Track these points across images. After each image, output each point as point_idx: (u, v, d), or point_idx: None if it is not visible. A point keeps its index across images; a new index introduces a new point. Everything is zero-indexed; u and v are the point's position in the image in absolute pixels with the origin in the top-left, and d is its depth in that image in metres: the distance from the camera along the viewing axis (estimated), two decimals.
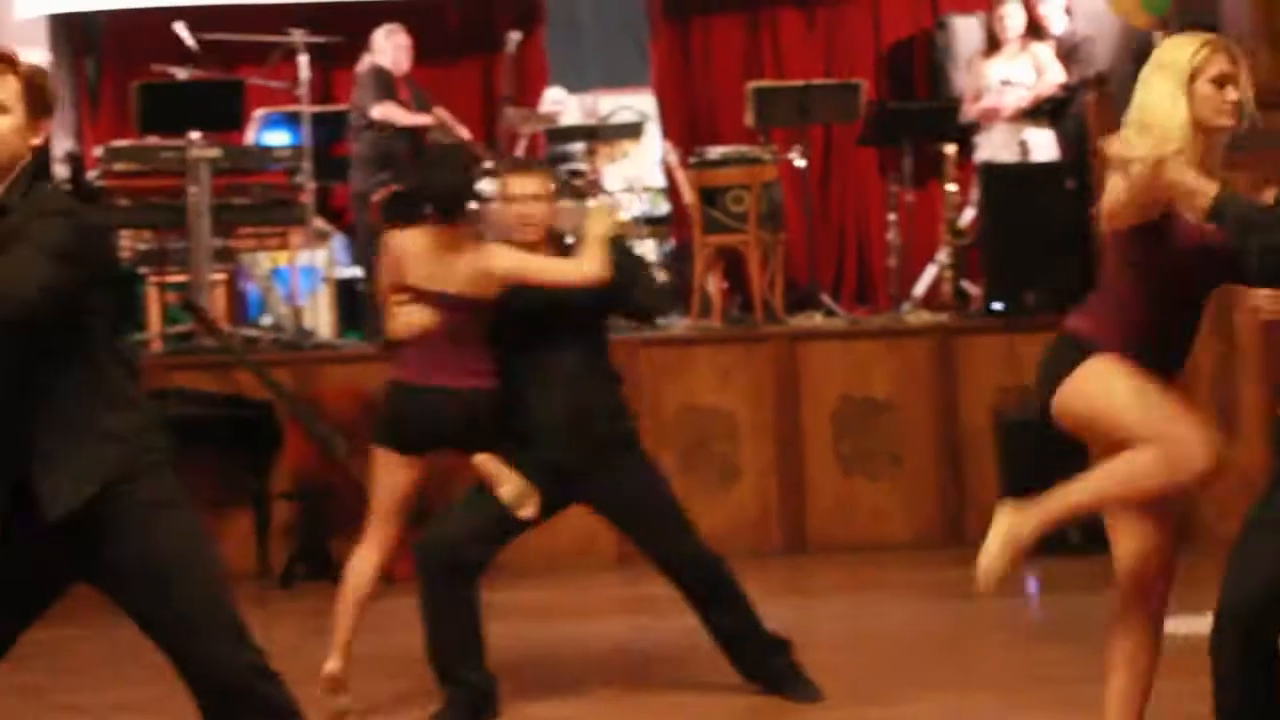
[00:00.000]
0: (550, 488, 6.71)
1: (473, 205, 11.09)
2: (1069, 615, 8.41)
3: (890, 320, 11.02)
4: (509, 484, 6.64)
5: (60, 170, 12.03)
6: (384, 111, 11.44)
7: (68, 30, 12.94)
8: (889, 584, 9.26)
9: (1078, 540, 9.58)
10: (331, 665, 6.71)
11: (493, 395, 6.67)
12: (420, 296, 6.67)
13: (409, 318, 6.67)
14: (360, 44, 12.23)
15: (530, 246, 6.70)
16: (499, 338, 6.72)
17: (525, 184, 6.72)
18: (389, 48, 11.71)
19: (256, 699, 4.61)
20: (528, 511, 6.66)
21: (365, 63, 11.76)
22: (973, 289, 11.35)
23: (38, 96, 4.56)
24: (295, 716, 4.68)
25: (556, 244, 6.90)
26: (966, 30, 12.47)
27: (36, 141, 4.52)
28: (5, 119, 4.48)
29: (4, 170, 4.48)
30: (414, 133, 11.57)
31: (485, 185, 11.06)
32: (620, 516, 7.01)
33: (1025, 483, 9.63)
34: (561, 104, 13.43)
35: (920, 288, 11.59)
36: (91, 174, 11.53)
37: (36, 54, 12.29)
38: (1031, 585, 9.33)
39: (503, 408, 6.68)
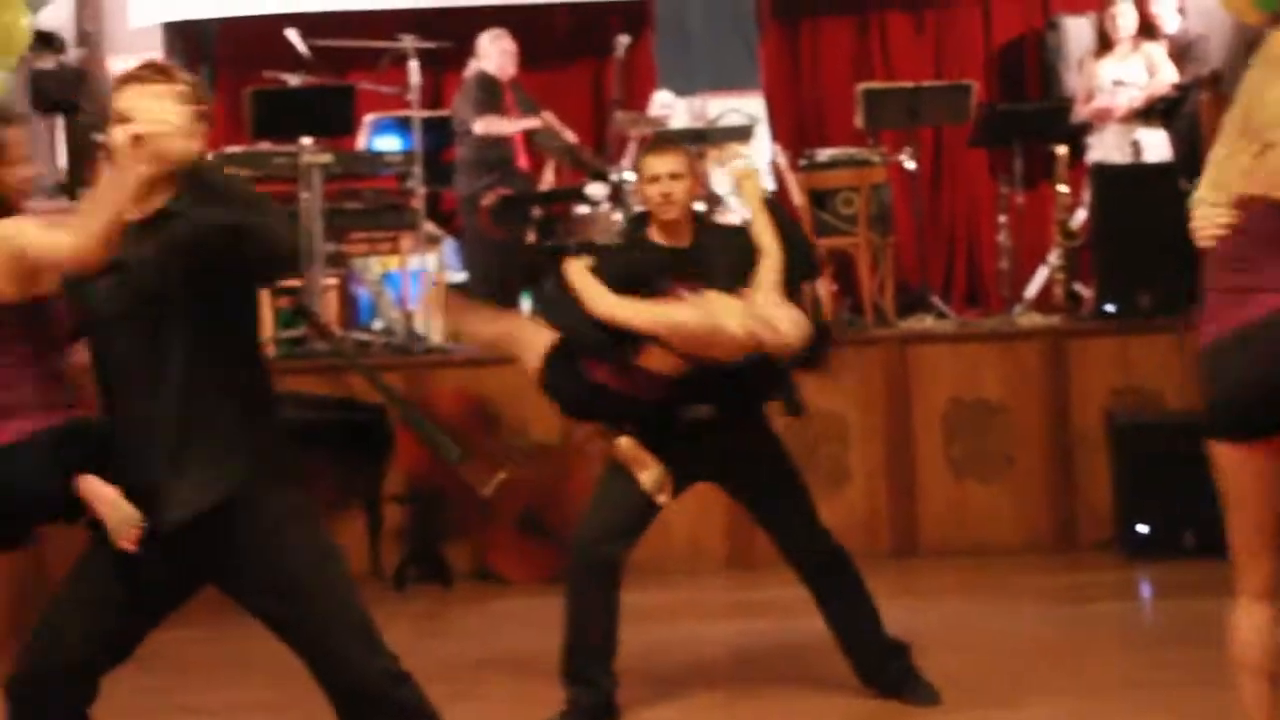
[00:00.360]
0: (681, 469, 6.73)
1: (583, 210, 11.19)
2: (1183, 620, 8.34)
3: (1001, 323, 10.96)
4: (648, 470, 6.64)
5: None
6: (485, 125, 11.53)
7: (182, 38, 13.07)
8: (1000, 588, 9.21)
9: (1191, 545, 9.53)
10: None
11: None
12: None
13: None
14: (469, 49, 12.30)
15: (672, 225, 6.69)
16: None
17: (664, 162, 6.67)
18: (494, 53, 11.77)
19: (391, 702, 4.66)
20: (663, 498, 6.67)
21: (471, 68, 11.82)
22: (1085, 291, 11.28)
23: (196, 105, 4.63)
24: (431, 718, 4.72)
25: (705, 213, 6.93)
26: (1078, 30, 12.40)
27: (196, 147, 4.59)
28: (168, 127, 4.55)
29: (169, 177, 4.56)
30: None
31: (595, 189, 11.12)
32: (751, 498, 6.98)
33: (1138, 486, 9.70)
34: (670, 107, 13.44)
35: (1031, 290, 11.53)
36: None
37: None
38: (1145, 590, 9.26)
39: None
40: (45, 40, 10.48)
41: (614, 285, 6.47)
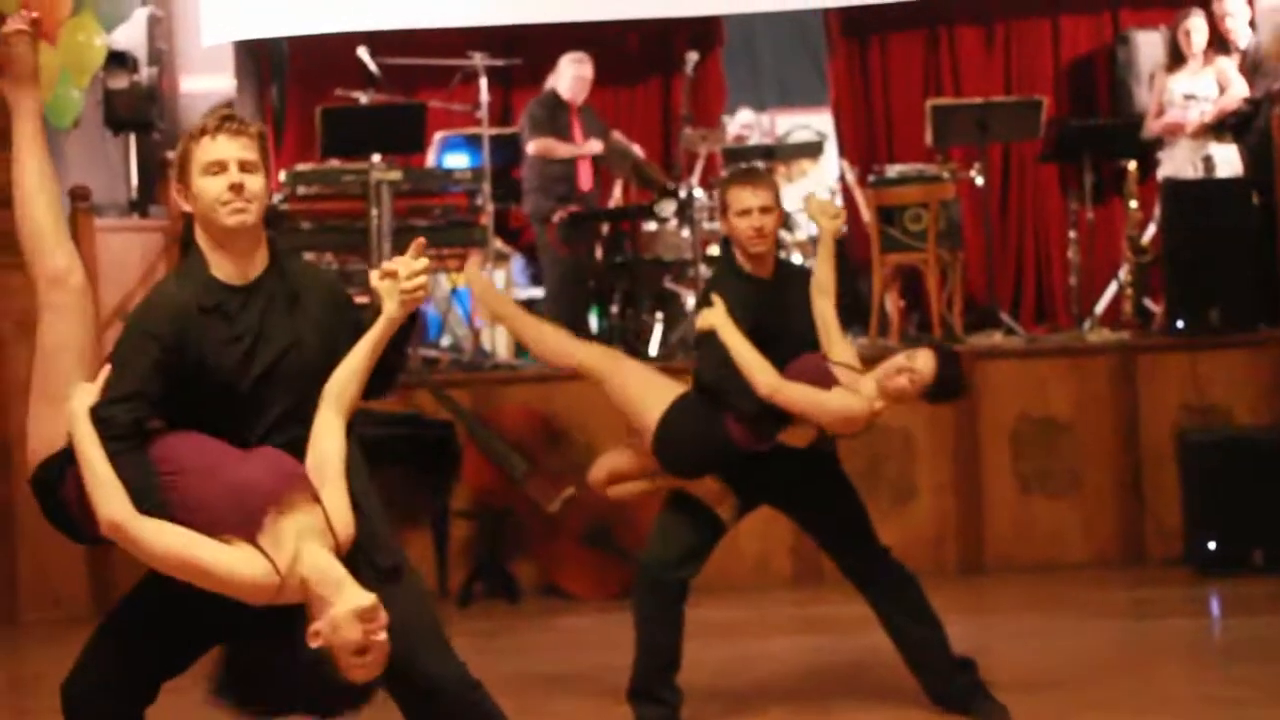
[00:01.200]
0: (743, 490, 6.74)
1: (651, 227, 11.22)
2: (1252, 636, 8.29)
3: (1070, 339, 10.93)
4: (726, 503, 6.69)
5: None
6: (538, 147, 11.58)
7: (253, 57, 13.17)
8: (1068, 604, 9.17)
9: (1261, 562, 9.49)
10: None
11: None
12: None
13: None
14: (539, 67, 12.35)
15: (760, 258, 6.67)
16: None
17: (756, 196, 6.60)
18: (569, 76, 11.81)
19: (464, 706, 4.66)
20: (727, 515, 6.69)
21: (546, 85, 11.87)
22: (1155, 307, 11.23)
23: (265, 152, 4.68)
24: None
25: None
26: (1149, 45, 12.35)
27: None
28: (258, 178, 4.58)
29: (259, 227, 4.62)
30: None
31: (663, 206, 11.14)
32: (810, 520, 6.99)
33: (1207, 503, 9.65)
34: (751, 127, 13.48)
35: (1101, 306, 11.49)
36: (275, 198, 11.71)
37: (223, 80, 12.54)
38: (1214, 606, 9.20)
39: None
40: (118, 59, 10.56)
41: (747, 329, 6.48)
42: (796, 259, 11.43)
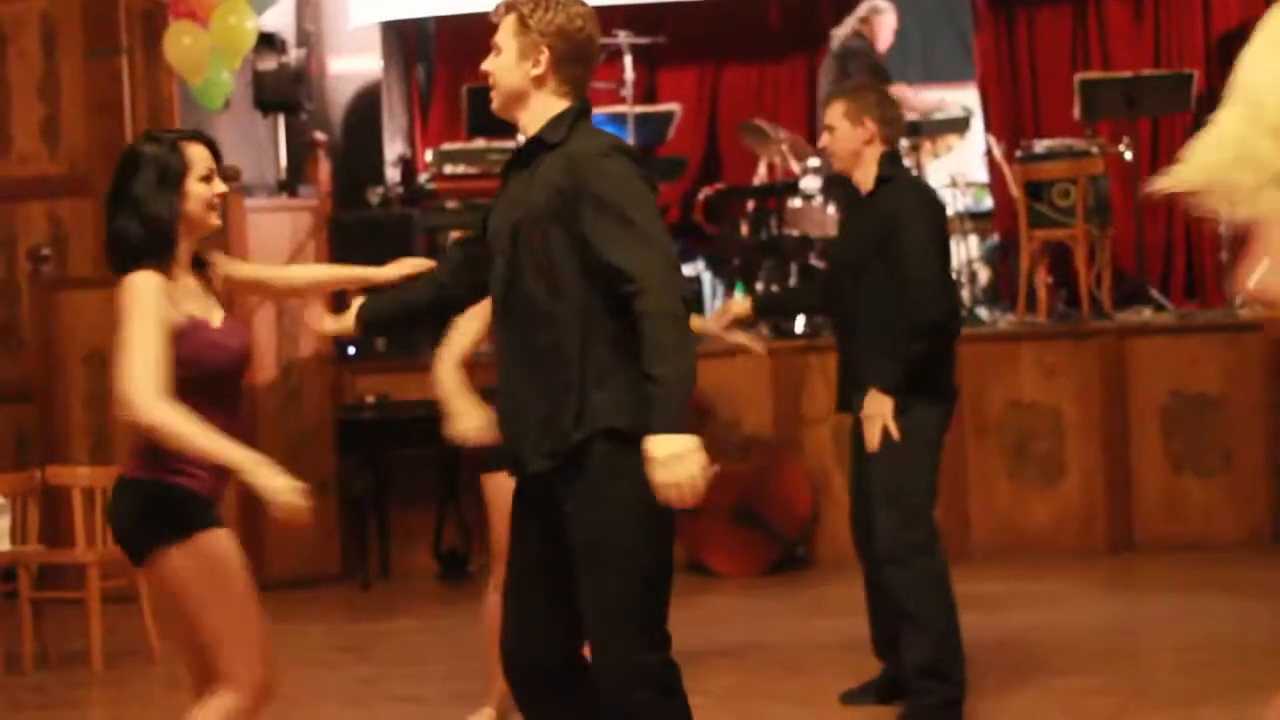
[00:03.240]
0: None
1: (797, 203, 11.19)
2: None
3: (1222, 315, 10.79)
4: None
5: (392, 173, 12.35)
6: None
7: (400, 37, 13.26)
8: (1220, 583, 9.07)
9: None
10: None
11: None
12: None
13: None
14: (683, 44, 12.33)
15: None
16: None
17: (824, 114, 6.67)
18: (888, 27, 12.00)
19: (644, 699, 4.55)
20: None
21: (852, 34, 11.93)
22: None
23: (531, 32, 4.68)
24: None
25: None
26: None
27: (537, 73, 4.62)
28: (496, 58, 4.70)
29: (514, 110, 4.69)
30: None
31: (809, 182, 11.13)
32: None
33: None
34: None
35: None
36: (422, 177, 11.81)
37: (370, 61, 12.64)
38: None
39: None
40: (267, 41, 10.67)
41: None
42: None
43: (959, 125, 12.80)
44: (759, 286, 11.18)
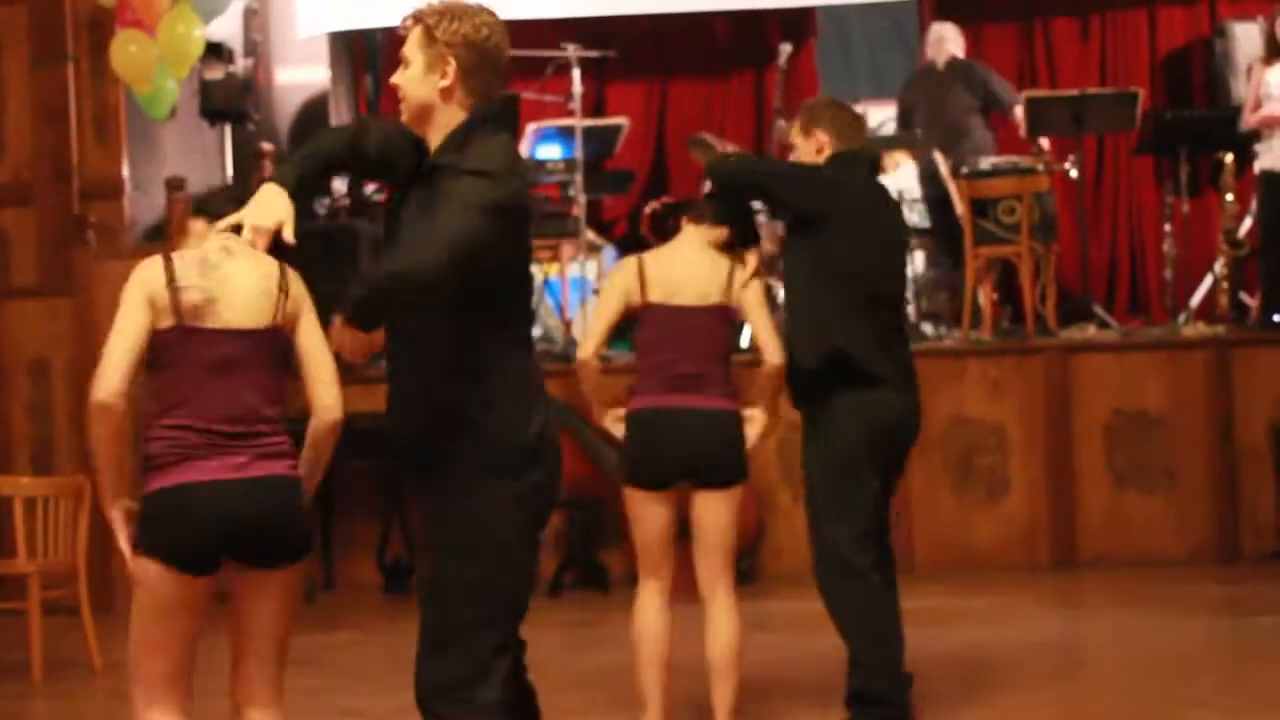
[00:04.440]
0: None
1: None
2: None
3: (1165, 332, 10.86)
4: None
5: (339, 185, 12.32)
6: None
7: (348, 48, 13.24)
8: (1161, 600, 9.12)
9: None
10: None
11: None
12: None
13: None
14: (631, 59, 12.34)
15: None
16: None
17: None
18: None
19: None
20: None
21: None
22: (1250, 301, 11.14)
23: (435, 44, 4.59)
24: None
25: None
26: (1246, 37, 12.22)
27: (444, 85, 4.57)
28: (405, 71, 4.61)
29: (422, 125, 4.61)
30: None
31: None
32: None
33: None
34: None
35: (1196, 299, 11.41)
36: (369, 188, 11.78)
37: (318, 71, 12.62)
38: None
39: None
40: (214, 50, 10.65)
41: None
42: None
43: (905, 141, 12.83)
44: None
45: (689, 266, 6.39)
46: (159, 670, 4.47)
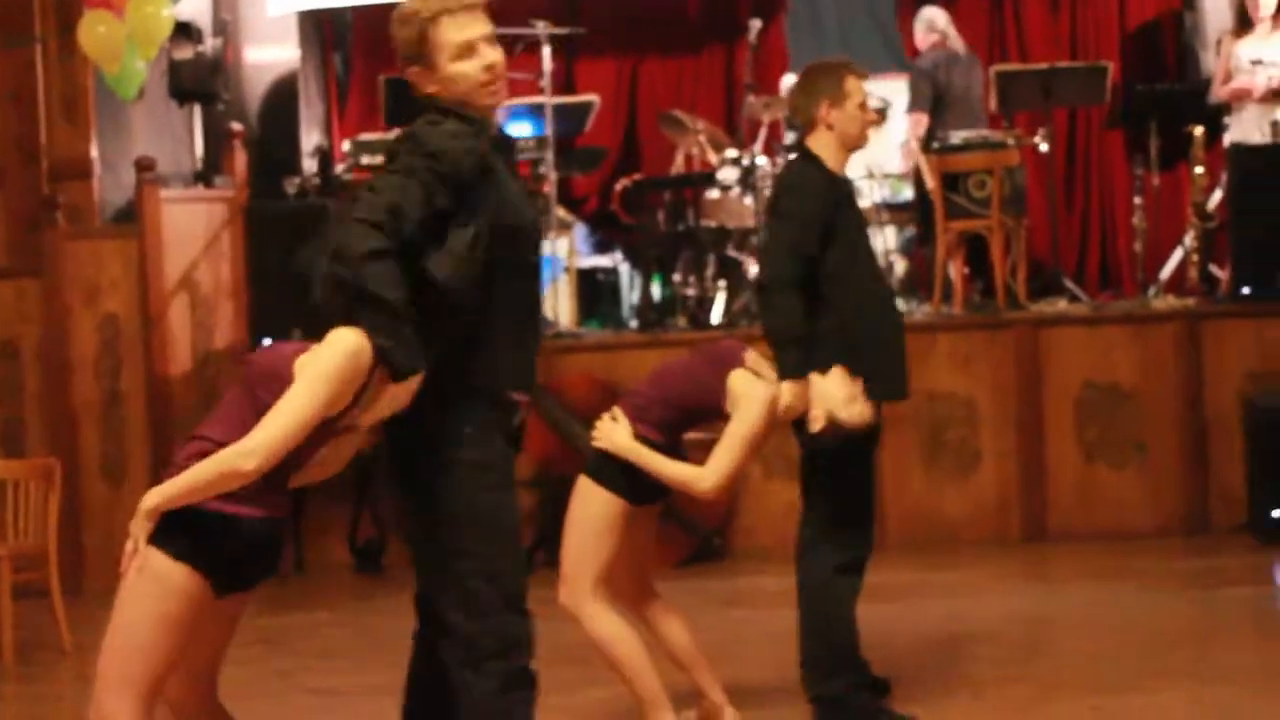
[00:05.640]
0: None
1: (715, 194, 11.21)
2: None
3: (1135, 305, 10.87)
4: None
5: (309, 164, 12.30)
6: None
7: (317, 26, 13.19)
8: (1131, 573, 9.14)
9: None
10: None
11: None
12: None
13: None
14: (602, 35, 12.30)
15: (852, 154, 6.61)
16: None
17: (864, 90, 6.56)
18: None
19: None
20: None
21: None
22: (1220, 273, 11.16)
23: None
24: None
25: None
26: (1216, 10, 12.24)
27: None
28: (499, 50, 4.72)
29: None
30: None
31: (726, 174, 11.15)
32: None
33: (1273, 471, 9.59)
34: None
35: (1166, 272, 11.43)
36: (339, 167, 11.76)
37: (287, 50, 12.58)
38: (1278, 575, 9.16)
39: None
40: (183, 30, 10.61)
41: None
42: None
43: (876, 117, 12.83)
44: (676, 278, 11.20)
45: None
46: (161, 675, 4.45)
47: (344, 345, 4.36)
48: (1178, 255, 11.47)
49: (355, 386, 4.37)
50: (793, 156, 6.81)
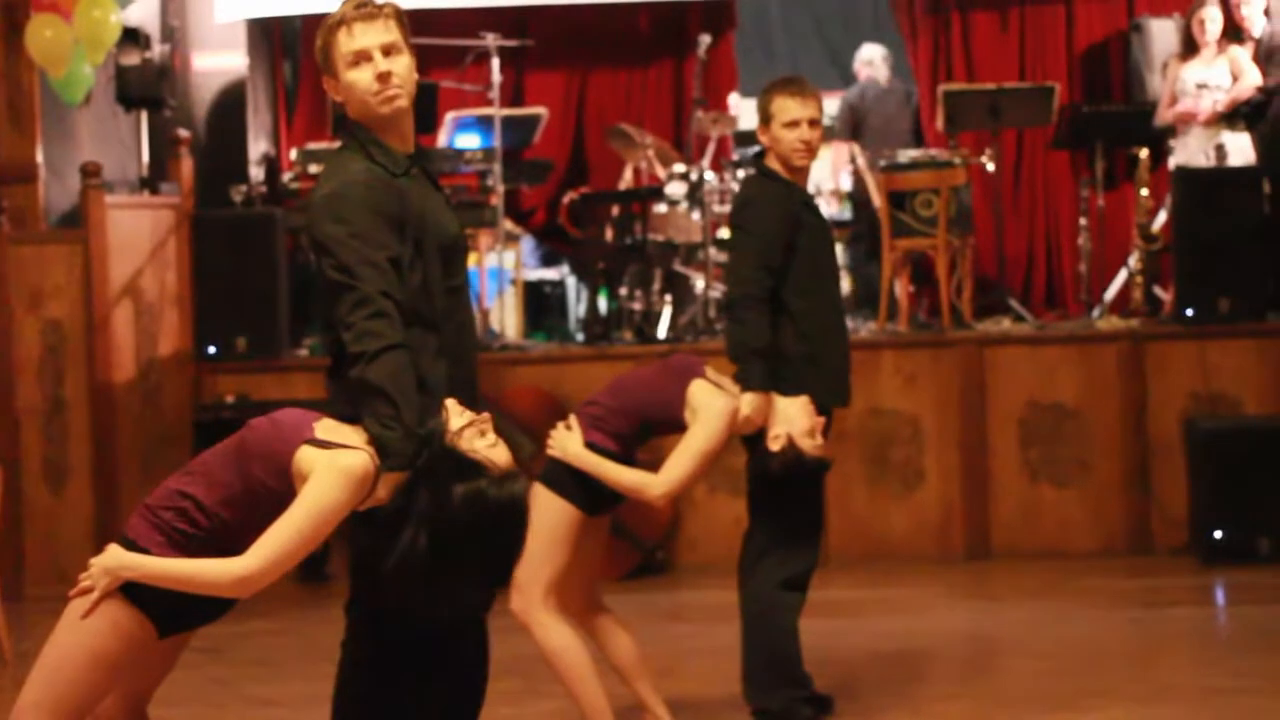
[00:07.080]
0: None
1: (662, 209, 11.22)
2: (1257, 627, 8.30)
3: (1080, 326, 10.92)
4: None
5: (256, 172, 12.26)
6: None
7: (265, 34, 13.15)
8: (1074, 592, 9.18)
9: (1267, 551, 9.50)
10: None
11: None
12: None
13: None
14: (551, 48, 12.29)
15: (802, 173, 6.60)
16: None
17: (807, 107, 6.50)
18: None
19: None
20: None
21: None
22: (1164, 295, 11.22)
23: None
24: None
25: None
26: (1162, 33, 12.31)
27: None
28: (403, 59, 4.74)
29: (406, 119, 4.82)
30: None
31: (674, 188, 11.16)
32: None
33: (1214, 492, 9.65)
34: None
35: (1110, 293, 11.49)
36: (286, 176, 11.73)
37: (236, 58, 12.54)
38: (1220, 596, 9.21)
39: None
40: (131, 35, 10.56)
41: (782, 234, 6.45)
42: None
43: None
44: (622, 292, 11.20)
45: None
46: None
47: (350, 474, 4.31)
48: (1122, 276, 11.52)
49: (356, 504, 4.33)
50: (751, 171, 6.84)
